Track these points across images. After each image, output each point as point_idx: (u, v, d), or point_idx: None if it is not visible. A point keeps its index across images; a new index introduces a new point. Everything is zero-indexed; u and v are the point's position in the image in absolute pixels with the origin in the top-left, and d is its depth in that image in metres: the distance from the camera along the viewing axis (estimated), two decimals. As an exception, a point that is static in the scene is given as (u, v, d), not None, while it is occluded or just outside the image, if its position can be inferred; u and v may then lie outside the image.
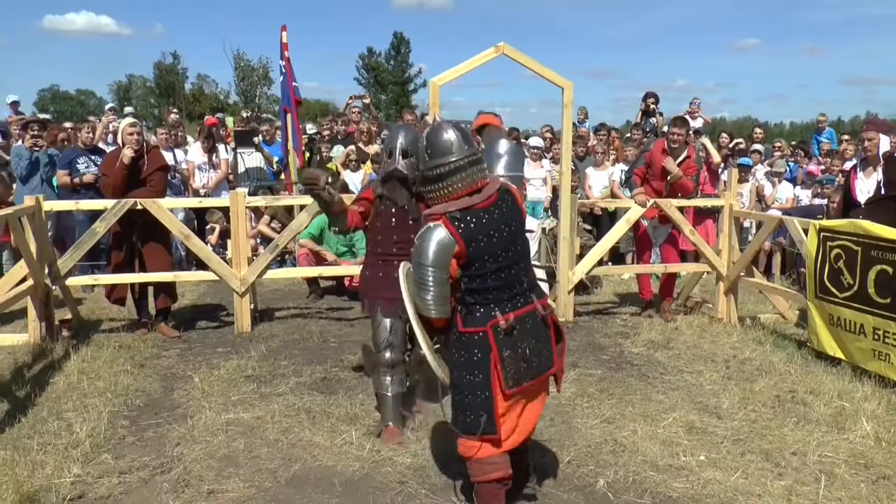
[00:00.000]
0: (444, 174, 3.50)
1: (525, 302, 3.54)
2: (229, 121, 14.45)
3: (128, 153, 6.76)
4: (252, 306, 7.45)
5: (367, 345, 4.90)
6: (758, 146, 11.58)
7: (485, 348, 3.45)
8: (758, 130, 12.84)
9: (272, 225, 9.94)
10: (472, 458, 3.51)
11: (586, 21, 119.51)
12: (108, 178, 6.92)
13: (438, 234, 3.41)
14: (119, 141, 7.01)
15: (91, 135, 9.50)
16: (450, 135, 3.54)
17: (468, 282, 3.49)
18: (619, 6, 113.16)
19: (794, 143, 13.12)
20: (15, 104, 13.29)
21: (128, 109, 14.26)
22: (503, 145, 4.29)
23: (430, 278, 3.43)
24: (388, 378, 4.68)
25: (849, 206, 6.74)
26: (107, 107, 14.14)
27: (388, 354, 4.68)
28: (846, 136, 11.32)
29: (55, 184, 8.87)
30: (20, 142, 9.34)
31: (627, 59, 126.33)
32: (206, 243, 8.79)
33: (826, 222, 6.47)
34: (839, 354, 6.11)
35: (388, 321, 4.68)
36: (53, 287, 6.98)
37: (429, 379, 4.65)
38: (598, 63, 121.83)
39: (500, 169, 4.27)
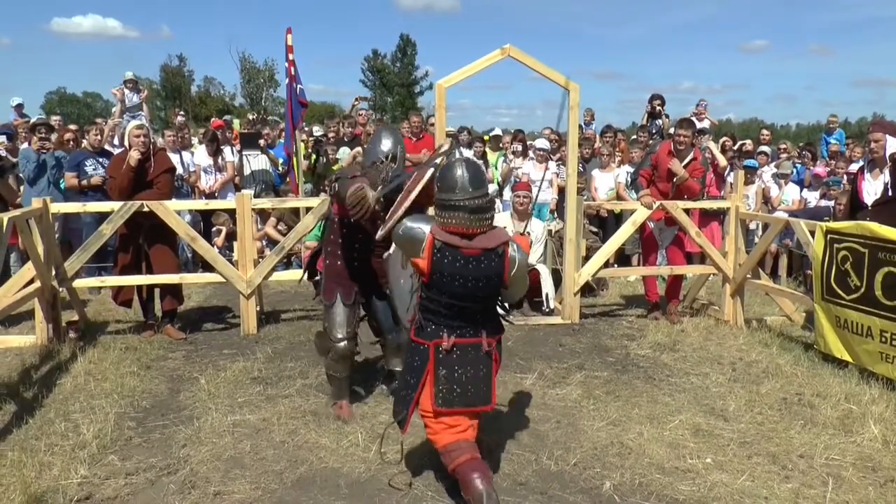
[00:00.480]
0: (445, 206, 3.78)
1: (474, 334, 3.85)
2: (236, 123, 14.47)
3: (134, 155, 6.78)
4: (258, 308, 7.46)
5: (322, 331, 5.25)
6: (764, 148, 11.55)
7: (424, 359, 3.84)
8: (764, 132, 12.79)
9: (278, 227, 9.95)
10: (439, 449, 3.84)
11: (593, 23, 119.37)
12: (114, 181, 6.94)
13: (419, 228, 3.80)
14: (126, 143, 7.03)
15: (98, 137, 9.53)
16: (458, 173, 3.79)
17: (426, 300, 3.87)
18: (626, 8, 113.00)
19: (801, 144, 13.09)
20: (19, 107, 13.31)
21: (128, 74, 13.95)
22: None
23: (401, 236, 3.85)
24: (342, 364, 5.08)
25: (856, 208, 6.72)
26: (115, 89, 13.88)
27: (343, 344, 5.03)
28: (848, 142, 11.33)
29: (62, 186, 8.90)
30: (27, 144, 9.37)
31: (634, 61, 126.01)
32: (212, 245, 8.80)
33: (833, 224, 6.46)
34: (846, 357, 6.09)
35: (345, 309, 5.05)
36: (60, 289, 7.00)
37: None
38: (605, 65, 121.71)
39: None
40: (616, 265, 9.61)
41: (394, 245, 4.24)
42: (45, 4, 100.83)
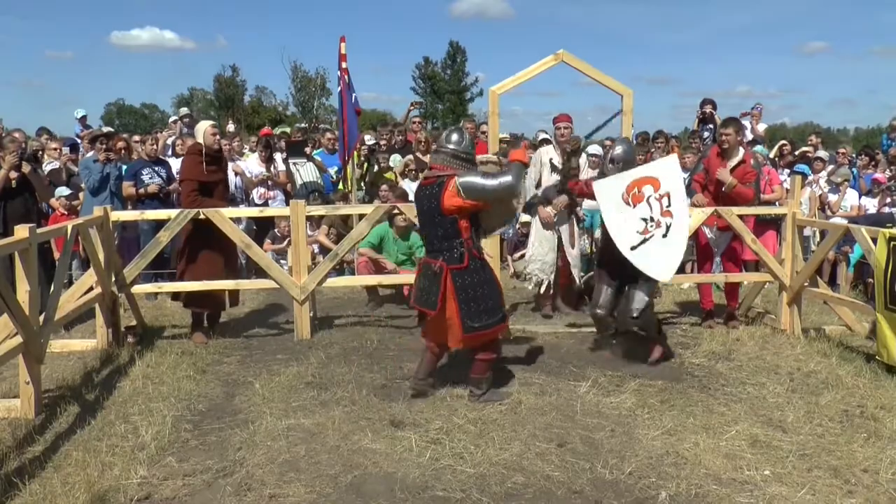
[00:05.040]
0: (438, 151, 5.51)
1: (434, 257, 5.33)
2: (287, 130, 14.68)
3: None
4: (312, 314, 7.54)
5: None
6: (821, 153, 11.30)
7: None
8: (812, 137, 12.51)
9: (329, 235, 10.04)
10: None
11: (646, 28, 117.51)
12: (189, 183, 7.19)
13: None
14: (200, 140, 7.21)
15: (155, 146, 9.76)
16: (459, 133, 5.54)
17: None
18: (680, 12, 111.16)
19: (858, 148, 12.74)
20: (83, 118, 13.72)
21: (183, 110, 14.55)
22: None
23: None
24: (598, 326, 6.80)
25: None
26: (172, 119, 14.49)
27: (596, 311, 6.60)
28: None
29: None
30: (89, 154, 9.61)
31: (687, 66, 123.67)
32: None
33: (896, 231, 6.28)
34: (911, 368, 5.91)
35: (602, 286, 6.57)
36: (119, 294, 7.17)
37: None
38: (658, 70, 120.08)
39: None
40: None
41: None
42: (105, 19, 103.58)
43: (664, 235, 6.05)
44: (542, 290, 7.92)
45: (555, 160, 7.87)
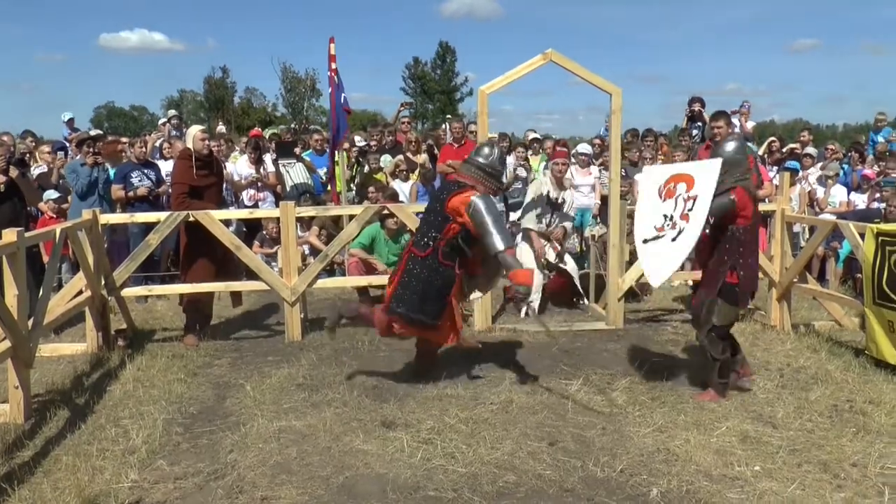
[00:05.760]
0: (473, 164, 5.69)
1: (412, 241, 5.75)
2: (277, 131, 14.65)
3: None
4: (302, 315, 7.52)
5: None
6: (810, 150, 11.35)
7: None
8: (804, 134, 12.56)
9: (319, 236, 10.02)
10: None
11: (635, 26, 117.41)
12: (179, 187, 7.18)
13: None
14: (189, 145, 7.19)
15: (143, 149, 9.72)
16: (483, 148, 5.81)
17: None
18: (670, 10, 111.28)
19: (848, 145, 12.81)
20: (71, 121, 13.67)
21: (171, 112, 14.59)
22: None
23: None
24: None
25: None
26: (161, 122, 14.47)
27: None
28: (894, 136, 11.06)
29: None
30: (77, 157, 9.58)
31: (677, 64, 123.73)
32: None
33: (884, 226, 6.32)
34: (900, 363, 5.94)
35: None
36: (109, 298, 7.15)
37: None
38: (648, 68, 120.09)
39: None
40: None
41: None
42: (93, 21, 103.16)
43: (673, 239, 5.49)
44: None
45: (551, 194, 8.06)
